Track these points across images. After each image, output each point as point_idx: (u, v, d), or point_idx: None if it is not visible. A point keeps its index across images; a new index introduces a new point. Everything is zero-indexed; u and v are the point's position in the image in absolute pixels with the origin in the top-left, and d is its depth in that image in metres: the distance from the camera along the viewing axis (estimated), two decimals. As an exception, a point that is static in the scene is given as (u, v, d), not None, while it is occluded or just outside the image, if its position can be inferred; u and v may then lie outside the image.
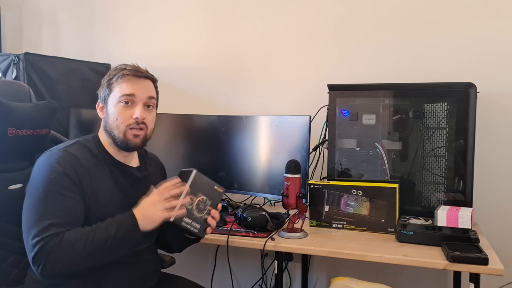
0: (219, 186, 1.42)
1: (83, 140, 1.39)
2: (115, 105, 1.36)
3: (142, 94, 1.38)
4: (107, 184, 1.35)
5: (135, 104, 1.37)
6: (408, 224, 1.65)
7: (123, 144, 1.37)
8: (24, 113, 1.43)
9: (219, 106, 2.44)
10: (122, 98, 1.35)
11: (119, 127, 1.36)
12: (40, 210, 1.22)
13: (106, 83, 1.39)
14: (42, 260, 1.18)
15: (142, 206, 1.30)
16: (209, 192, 1.39)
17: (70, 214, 1.24)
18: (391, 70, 2.13)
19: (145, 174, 1.48)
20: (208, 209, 1.39)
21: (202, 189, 1.38)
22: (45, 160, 1.30)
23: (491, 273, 1.35)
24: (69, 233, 1.21)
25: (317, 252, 1.55)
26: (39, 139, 1.47)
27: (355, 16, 2.18)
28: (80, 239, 1.21)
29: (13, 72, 2.17)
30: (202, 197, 1.37)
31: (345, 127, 1.91)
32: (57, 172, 1.25)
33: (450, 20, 2.04)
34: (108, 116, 1.38)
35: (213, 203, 1.40)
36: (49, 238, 1.19)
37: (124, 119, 1.35)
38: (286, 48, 2.31)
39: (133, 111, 1.36)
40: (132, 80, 1.37)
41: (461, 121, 1.75)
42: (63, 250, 1.19)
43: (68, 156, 1.29)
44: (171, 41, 2.54)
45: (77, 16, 2.77)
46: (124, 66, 1.39)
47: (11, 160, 1.40)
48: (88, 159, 1.33)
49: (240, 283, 2.42)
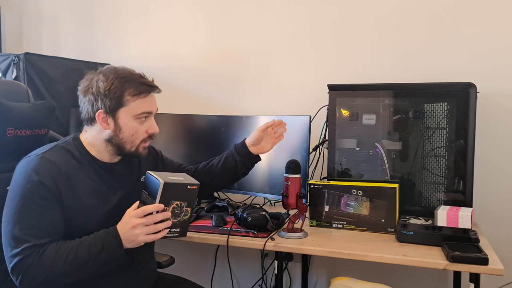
0: (192, 184, 1.31)
1: (63, 143, 1.35)
2: (131, 121, 1.33)
3: (155, 109, 1.39)
4: (91, 186, 1.32)
5: (148, 118, 1.37)
6: (408, 224, 1.65)
7: (131, 156, 1.38)
8: (23, 113, 1.43)
9: (219, 106, 2.44)
10: (142, 115, 1.34)
11: (133, 142, 1.35)
12: (17, 221, 1.20)
13: (113, 94, 1.30)
14: (21, 273, 1.18)
15: (124, 228, 1.23)
16: (183, 195, 1.30)
17: (47, 224, 1.22)
18: (391, 70, 2.13)
19: (129, 166, 1.45)
20: (185, 210, 1.32)
21: (175, 197, 1.28)
22: (22, 168, 1.26)
23: (491, 273, 1.35)
24: (50, 248, 1.19)
25: (317, 252, 1.55)
26: (38, 139, 1.46)
27: (355, 16, 2.18)
28: (60, 257, 1.19)
29: (13, 72, 2.17)
30: (176, 202, 1.29)
31: (345, 127, 1.91)
32: (33, 182, 1.22)
33: (450, 20, 2.04)
34: (119, 131, 1.33)
35: (190, 203, 1.33)
36: (28, 252, 1.18)
37: (141, 134, 1.35)
38: (286, 48, 2.31)
39: (147, 125, 1.36)
40: (150, 97, 1.36)
41: (461, 121, 1.75)
42: (42, 266, 1.18)
43: (45, 163, 1.25)
44: (171, 41, 2.54)
45: (77, 16, 2.77)
46: (138, 79, 1.34)
47: (10, 160, 1.39)
48: (68, 163, 1.30)
49: (240, 283, 2.42)
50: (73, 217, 1.27)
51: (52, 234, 1.23)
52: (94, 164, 1.36)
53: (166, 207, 1.26)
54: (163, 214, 1.24)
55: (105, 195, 1.35)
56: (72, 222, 1.27)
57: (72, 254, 1.20)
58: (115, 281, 1.34)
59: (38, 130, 1.47)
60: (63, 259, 1.19)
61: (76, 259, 1.19)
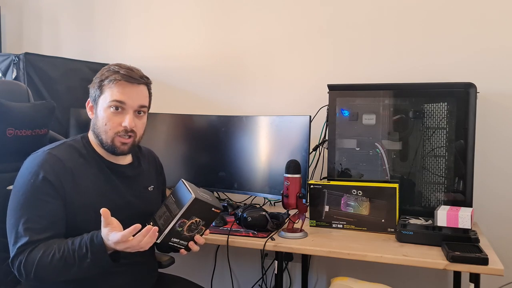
0: (216, 207, 1.32)
1: (71, 140, 1.37)
2: (105, 109, 1.33)
3: (133, 102, 1.33)
4: (96, 184, 1.33)
5: (125, 111, 1.33)
6: (408, 224, 1.65)
7: (110, 150, 1.36)
8: (23, 113, 1.43)
9: (219, 106, 2.44)
10: (112, 103, 1.31)
11: (107, 132, 1.33)
12: (19, 215, 1.22)
13: (97, 83, 1.34)
14: (15, 267, 1.21)
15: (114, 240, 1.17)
16: (205, 214, 1.31)
17: (48, 220, 1.23)
18: (391, 70, 2.13)
19: (138, 171, 1.46)
20: (200, 228, 1.34)
21: (197, 213, 1.30)
22: (29, 163, 1.28)
23: (491, 273, 1.35)
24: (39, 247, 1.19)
25: (317, 252, 1.54)
26: (38, 139, 1.47)
27: (355, 16, 2.18)
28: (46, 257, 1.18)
29: (13, 72, 2.17)
30: (196, 219, 1.30)
31: (345, 127, 1.91)
32: (38, 177, 1.24)
33: (450, 19, 2.04)
34: (97, 119, 1.35)
35: (207, 223, 1.34)
36: (23, 248, 1.20)
37: (113, 125, 1.32)
38: (286, 48, 2.31)
39: (122, 118, 1.32)
40: (124, 86, 1.32)
41: (461, 121, 1.75)
42: (30, 265, 1.19)
43: (51, 159, 1.27)
44: (171, 41, 2.54)
45: (77, 16, 2.77)
46: (117, 68, 1.33)
47: (10, 160, 1.40)
48: (75, 160, 1.31)
49: (240, 283, 2.42)
50: (76, 214, 1.28)
51: (52, 230, 1.23)
52: (100, 163, 1.36)
53: (185, 220, 1.28)
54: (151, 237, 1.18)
55: (109, 194, 1.35)
56: (75, 218, 1.28)
57: (58, 255, 1.18)
58: (116, 280, 1.34)
59: (38, 130, 1.47)
60: (49, 259, 1.18)
61: (61, 261, 1.18)
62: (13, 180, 1.29)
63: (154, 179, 1.53)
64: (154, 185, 1.51)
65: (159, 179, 1.57)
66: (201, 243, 1.37)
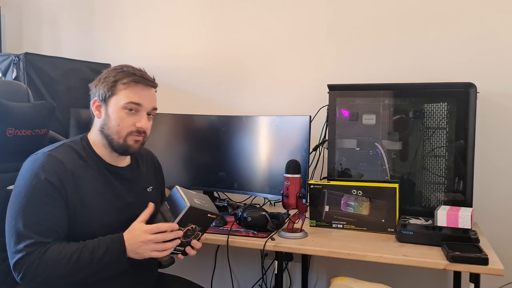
0: (213, 213, 1.31)
1: (70, 142, 1.36)
2: (118, 110, 1.33)
3: (148, 104, 1.36)
4: (96, 186, 1.33)
5: (139, 112, 1.34)
6: (408, 224, 1.65)
7: (121, 149, 1.35)
8: (23, 113, 1.43)
9: (219, 106, 2.44)
10: (128, 105, 1.32)
11: (119, 133, 1.33)
12: (21, 218, 1.21)
13: (110, 83, 1.33)
14: (22, 270, 1.19)
15: (132, 240, 1.25)
16: (201, 220, 1.31)
17: (51, 222, 1.23)
18: (391, 70, 2.13)
19: (136, 173, 1.46)
20: (196, 233, 1.33)
21: (193, 220, 1.28)
22: (28, 165, 1.27)
23: (491, 273, 1.35)
24: (53, 248, 1.20)
25: (317, 252, 1.54)
26: (38, 139, 1.47)
27: (355, 16, 2.18)
28: (63, 257, 1.19)
29: (13, 72, 2.17)
30: (192, 226, 1.30)
31: (345, 127, 1.91)
32: (39, 179, 1.23)
33: (450, 19, 2.04)
34: (108, 119, 1.34)
35: (203, 228, 1.34)
36: (31, 249, 1.18)
37: (126, 126, 1.33)
38: (286, 48, 2.31)
39: (136, 119, 1.34)
40: (141, 88, 1.34)
41: (461, 121, 1.75)
42: (44, 265, 1.18)
43: (52, 161, 1.26)
44: (171, 41, 2.54)
45: (77, 16, 2.77)
46: (132, 70, 1.35)
47: (10, 160, 1.40)
48: (74, 162, 1.31)
49: (240, 283, 2.42)
50: (77, 216, 1.28)
51: (55, 232, 1.23)
52: (100, 165, 1.36)
53: (181, 228, 1.27)
54: (174, 233, 1.25)
55: (109, 196, 1.35)
56: (76, 221, 1.28)
57: (76, 255, 1.20)
58: (116, 281, 1.34)
59: (38, 130, 1.47)
60: (66, 260, 1.19)
61: (79, 261, 1.20)
62: (13, 180, 1.28)
63: (153, 179, 1.53)
64: (153, 186, 1.51)
65: (158, 179, 1.57)
66: (198, 248, 1.37)
